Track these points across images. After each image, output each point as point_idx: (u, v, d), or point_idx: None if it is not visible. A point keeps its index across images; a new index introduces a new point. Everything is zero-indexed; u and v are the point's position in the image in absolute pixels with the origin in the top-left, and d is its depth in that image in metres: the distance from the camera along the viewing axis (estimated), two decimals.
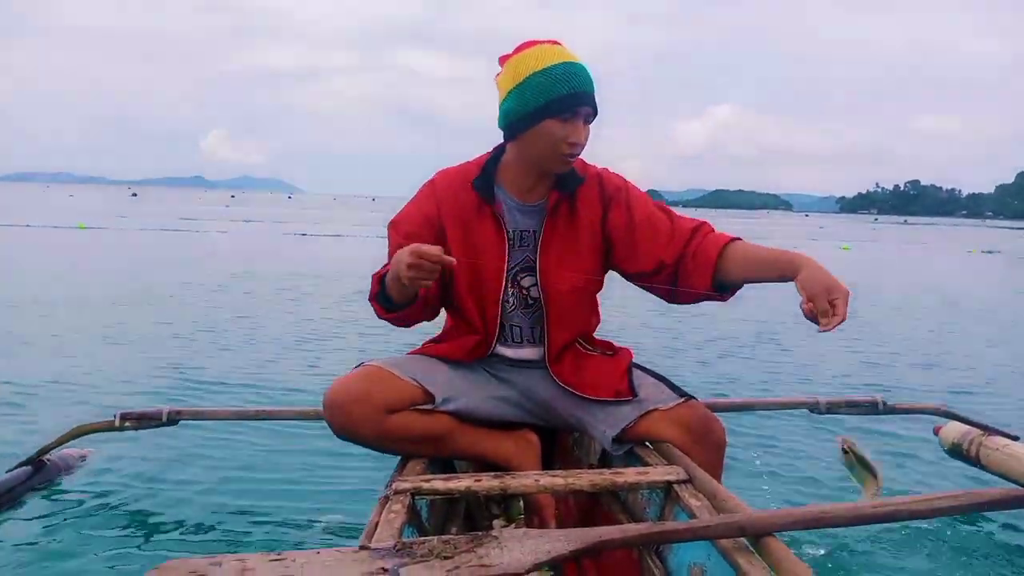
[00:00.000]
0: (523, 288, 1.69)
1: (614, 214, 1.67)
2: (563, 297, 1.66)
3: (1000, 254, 21.85)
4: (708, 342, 5.58)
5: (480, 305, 1.68)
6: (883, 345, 5.76)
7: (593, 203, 1.67)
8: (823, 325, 1.37)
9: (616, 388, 1.65)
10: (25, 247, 11.57)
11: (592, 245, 1.68)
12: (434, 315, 1.77)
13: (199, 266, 9.69)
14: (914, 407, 2.53)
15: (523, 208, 1.67)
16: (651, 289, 1.67)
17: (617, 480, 1.44)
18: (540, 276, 1.66)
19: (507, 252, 1.65)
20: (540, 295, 1.67)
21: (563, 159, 1.58)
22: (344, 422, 1.54)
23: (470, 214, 1.67)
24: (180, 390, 3.51)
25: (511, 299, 1.69)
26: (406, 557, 1.03)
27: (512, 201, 1.67)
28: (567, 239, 1.66)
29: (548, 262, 1.65)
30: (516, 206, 1.67)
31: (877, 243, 26.37)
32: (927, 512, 1.19)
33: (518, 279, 1.69)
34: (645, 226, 1.64)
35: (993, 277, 14.33)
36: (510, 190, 1.68)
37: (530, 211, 1.67)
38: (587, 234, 1.67)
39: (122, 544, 1.94)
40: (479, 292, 1.67)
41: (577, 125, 1.55)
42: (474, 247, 1.65)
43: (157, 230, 17.36)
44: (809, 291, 1.39)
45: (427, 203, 1.70)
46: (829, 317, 1.36)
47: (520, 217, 1.67)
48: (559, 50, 1.57)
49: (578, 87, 1.53)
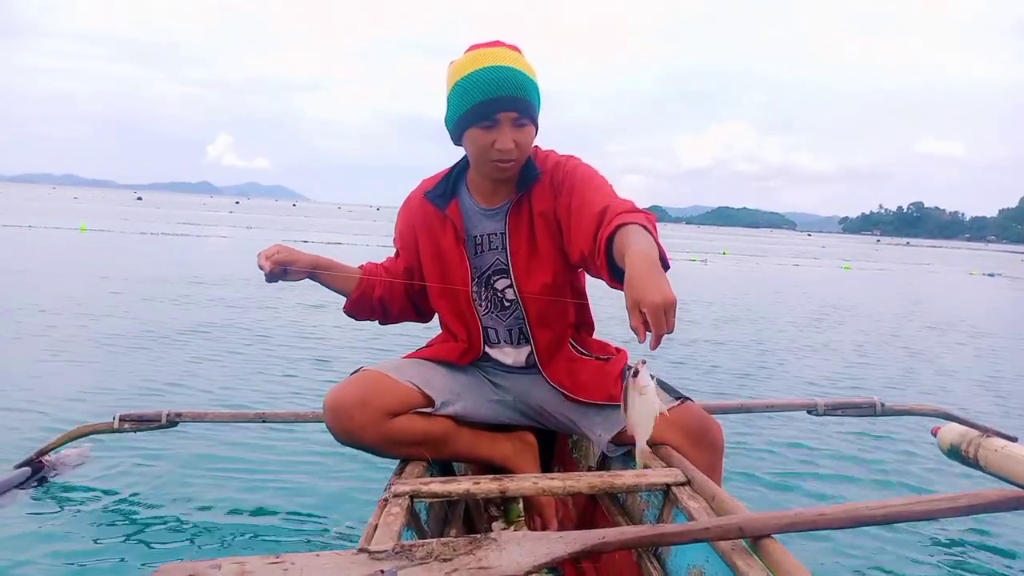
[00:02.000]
0: (497, 291, 1.69)
1: (562, 201, 1.60)
2: (538, 295, 1.65)
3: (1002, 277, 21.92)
4: (708, 342, 5.59)
5: (455, 310, 1.72)
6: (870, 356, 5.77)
7: (547, 195, 1.63)
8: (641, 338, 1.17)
9: (609, 392, 1.65)
10: (24, 247, 11.55)
11: (552, 238, 1.63)
12: (418, 318, 1.89)
13: (195, 268, 9.70)
14: (912, 409, 2.53)
15: (486, 212, 1.67)
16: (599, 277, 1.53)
17: (615, 482, 1.44)
18: (515, 278, 1.66)
19: (467, 257, 1.67)
20: (516, 296, 1.68)
21: (494, 166, 1.56)
22: (346, 427, 1.55)
23: (435, 223, 1.70)
24: (179, 390, 3.51)
25: (483, 302, 1.70)
26: (405, 560, 1.03)
27: (476, 206, 1.68)
28: (532, 237, 1.65)
29: (519, 262, 1.65)
30: (480, 211, 1.68)
31: (879, 263, 26.41)
32: (925, 514, 1.19)
33: (491, 282, 1.69)
34: (578, 213, 1.53)
35: (990, 298, 14.34)
36: (475, 195, 1.69)
37: (493, 214, 1.67)
38: (545, 229, 1.63)
39: (121, 546, 1.93)
40: (449, 297, 1.71)
41: (501, 131, 1.51)
42: (440, 255, 1.70)
43: (157, 234, 17.36)
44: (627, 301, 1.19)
45: (404, 218, 1.77)
46: (641, 333, 1.16)
47: (485, 221, 1.67)
48: (487, 54, 1.53)
49: (495, 93, 1.48)
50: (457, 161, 1.74)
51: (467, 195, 1.69)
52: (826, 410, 2.37)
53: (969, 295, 14.58)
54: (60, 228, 16.65)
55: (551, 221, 1.63)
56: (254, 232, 21.14)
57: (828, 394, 3.97)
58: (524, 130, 1.54)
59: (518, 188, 1.64)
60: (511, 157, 1.54)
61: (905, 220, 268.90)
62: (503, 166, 1.56)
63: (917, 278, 19.00)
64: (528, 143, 1.57)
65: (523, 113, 1.52)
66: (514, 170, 1.59)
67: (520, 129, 1.53)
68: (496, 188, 1.66)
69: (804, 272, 18.21)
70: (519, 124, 1.53)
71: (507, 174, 1.59)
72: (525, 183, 1.63)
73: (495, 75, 1.49)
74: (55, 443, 2.34)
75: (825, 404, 2.37)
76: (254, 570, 1.00)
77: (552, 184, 1.63)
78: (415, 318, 1.90)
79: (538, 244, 1.64)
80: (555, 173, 1.63)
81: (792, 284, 13.90)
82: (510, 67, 1.51)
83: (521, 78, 1.51)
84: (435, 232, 1.70)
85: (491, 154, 1.54)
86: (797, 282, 14.61)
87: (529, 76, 1.54)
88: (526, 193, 1.64)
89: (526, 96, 1.52)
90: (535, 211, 1.63)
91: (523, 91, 1.51)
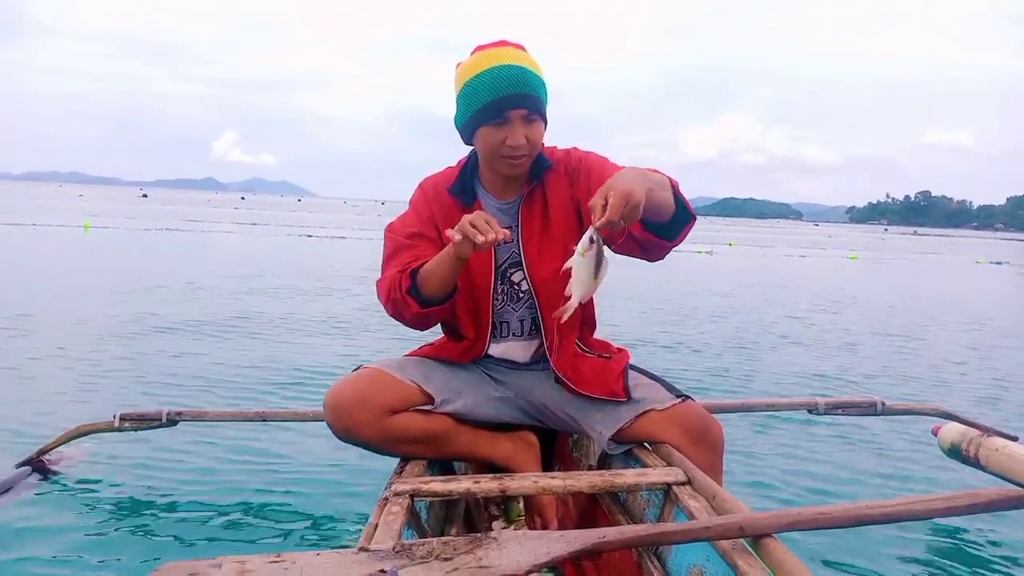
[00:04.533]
0: (513, 283, 1.71)
1: (579, 187, 1.66)
2: (551, 283, 1.65)
3: (1008, 265, 21.91)
4: (710, 340, 5.59)
5: (472, 303, 1.71)
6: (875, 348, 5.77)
7: (562, 184, 1.68)
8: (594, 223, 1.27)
9: (611, 388, 1.66)
10: (27, 245, 11.56)
11: (568, 225, 1.67)
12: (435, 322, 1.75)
13: (199, 265, 9.70)
14: (913, 408, 2.53)
15: (502, 206, 1.70)
16: (628, 252, 1.62)
17: (616, 481, 1.44)
18: (527, 268, 1.68)
19: (493, 249, 1.66)
20: (530, 286, 1.69)
21: (506, 162, 1.59)
22: (346, 424, 1.55)
23: (458, 217, 1.69)
24: (179, 391, 3.51)
25: (500, 296, 1.71)
26: (405, 559, 1.03)
27: (493, 201, 1.71)
28: (544, 226, 1.68)
29: (530, 251, 1.67)
30: (497, 205, 1.70)
31: (885, 252, 26.42)
32: (926, 513, 1.19)
33: (508, 275, 1.71)
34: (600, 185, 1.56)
35: (995, 287, 14.34)
36: (490, 190, 1.71)
37: (508, 208, 1.70)
38: (562, 216, 1.67)
39: (121, 545, 1.94)
40: (470, 290, 1.69)
41: (512, 128, 1.55)
42: None
43: (162, 230, 17.37)
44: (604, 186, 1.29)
45: (424, 207, 1.73)
46: (598, 211, 1.26)
47: (501, 216, 1.69)
48: (493, 54, 1.57)
49: (504, 91, 1.52)
50: (464, 159, 1.75)
51: (483, 191, 1.72)
52: (827, 409, 2.37)
53: (975, 285, 14.52)
54: (64, 226, 16.67)
55: (569, 208, 1.67)
56: (259, 228, 21.16)
57: (829, 393, 3.97)
58: (534, 126, 1.58)
59: (530, 181, 1.67)
60: (523, 153, 1.58)
61: (912, 209, 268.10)
62: (515, 162, 1.59)
63: (923, 268, 19.01)
64: (538, 138, 1.60)
65: (532, 109, 1.56)
66: (526, 165, 1.63)
67: (530, 125, 1.57)
68: (508, 184, 1.69)
69: (810, 263, 18.24)
70: (529, 120, 1.56)
71: (519, 169, 1.62)
72: (537, 175, 1.67)
73: (503, 74, 1.53)
74: (55, 442, 2.34)
75: (826, 403, 2.38)
76: (254, 569, 1.00)
77: (567, 172, 1.68)
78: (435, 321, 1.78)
79: (550, 232, 1.67)
80: (567, 162, 1.69)
81: (798, 275, 13.91)
82: (517, 65, 1.55)
83: (528, 75, 1.55)
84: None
85: (503, 151, 1.57)
86: (803, 274, 14.62)
87: (536, 73, 1.58)
88: (539, 184, 1.67)
89: (534, 92, 1.56)
90: (551, 200, 1.67)
91: (531, 88, 1.55)
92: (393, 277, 1.60)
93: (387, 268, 1.66)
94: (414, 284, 1.57)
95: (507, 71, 1.53)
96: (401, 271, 1.60)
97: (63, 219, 19.40)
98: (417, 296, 1.58)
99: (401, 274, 1.59)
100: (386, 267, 1.67)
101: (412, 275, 1.58)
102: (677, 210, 1.51)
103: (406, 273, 1.59)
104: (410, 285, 1.58)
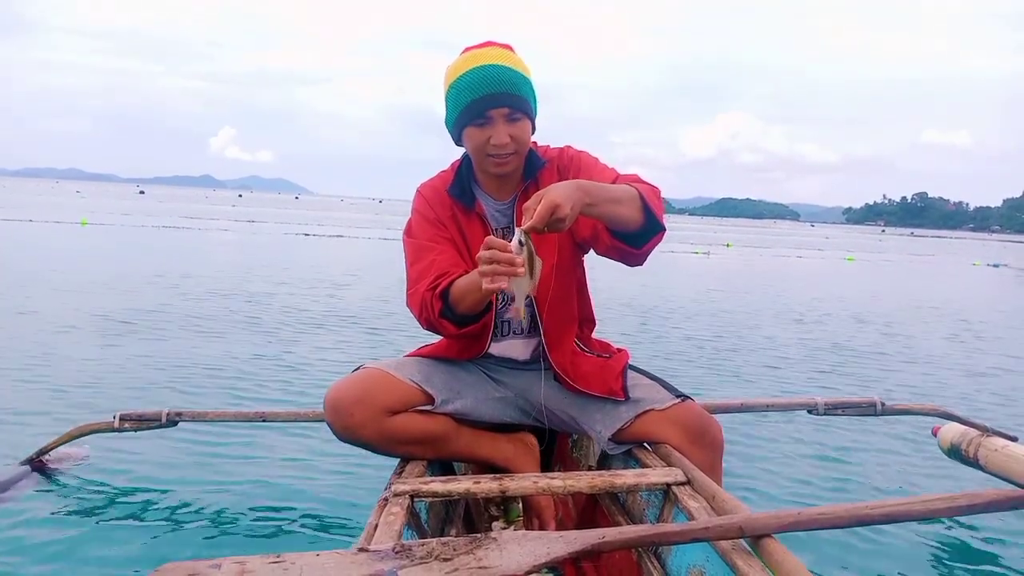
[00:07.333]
0: None
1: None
2: (547, 279, 1.64)
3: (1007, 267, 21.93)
4: (707, 341, 5.59)
5: None
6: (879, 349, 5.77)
7: (555, 180, 1.66)
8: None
9: (610, 386, 1.66)
10: (24, 241, 11.55)
11: None
12: None
13: (197, 263, 9.70)
14: (912, 408, 2.53)
15: (499, 206, 1.71)
16: (608, 256, 1.62)
17: (616, 482, 1.44)
18: None
19: None
20: None
21: (492, 161, 1.60)
22: (346, 424, 1.55)
23: (462, 220, 1.70)
24: (178, 391, 3.51)
25: (501, 294, 1.71)
26: (405, 559, 1.03)
27: (491, 202, 1.71)
28: None
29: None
30: (495, 206, 1.71)
31: (883, 254, 26.42)
32: (926, 513, 1.19)
33: None
34: None
35: (993, 290, 14.34)
36: (488, 191, 1.71)
37: (505, 207, 1.70)
38: None
39: (121, 545, 1.93)
40: None
41: (495, 127, 1.55)
42: (469, 250, 1.69)
43: (159, 227, 17.36)
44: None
45: (428, 210, 1.72)
46: (528, 212, 1.29)
47: (499, 216, 1.70)
48: (478, 54, 1.58)
49: (485, 91, 1.53)
50: (458, 161, 1.75)
51: (481, 193, 1.72)
52: (826, 409, 2.37)
53: (972, 287, 14.54)
54: (61, 222, 16.65)
55: None
56: (257, 226, 21.14)
57: (828, 393, 3.98)
58: (518, 124, 1.57)
59: (524, 179, 1.68)
60: (507, 151, 1.57)
61: (909, 210, 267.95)
62: (501, 161, 1.59)
63: (920, 270, 19.01)
64: (524, 137, 1.60)
65: (515, 108, 1.56)
66: (514, 164, 1.62)
67: (514, 124, 1.57)
68: (503, 184, 1.69)
69: (807, 264, 18.24)
70: (512, 119, 1.56)
71: (506, 168, 1.62)
72: (531, 173, 1.67)
73: (485, 74, 1.54)
74: (55, 442, 2.34)
75: (825, 403, 2.37)
76: (254, 569, 1.00)
77: (559, 169, 1.69)
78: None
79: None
80: (560, 160, 1.70)
81: (795, 277, 13.91)
82: (499, 65, 1.55)
83: (511, 74, 1.55)
84: (463, 228, 1.70)
85: (488, 150, 1.57)
86: (799, 275, 14.61)
87: (520, 72, 1.58)
88: (533, 183, 1.67)
89: (517, 91, 1.56)
90: None
91: (513, 87, 1.55)
92: (424, 298, 1.57)
93: (412, 273, 1.64)
94: (446, 305, 1.55)
95: (489, 71, 1.54)
96: (431, 289, 1.56)
97: (60, 215, 19.39)
98: (451, 317, 1.56)
99: (431, 294, 1.55)
100: (411, 272, 1.65)
101: (443, 297, 1.55)
102: (648, 221, 1.48)
103: (436, 294, 1.55)
104: (442, 307, 1.55)
